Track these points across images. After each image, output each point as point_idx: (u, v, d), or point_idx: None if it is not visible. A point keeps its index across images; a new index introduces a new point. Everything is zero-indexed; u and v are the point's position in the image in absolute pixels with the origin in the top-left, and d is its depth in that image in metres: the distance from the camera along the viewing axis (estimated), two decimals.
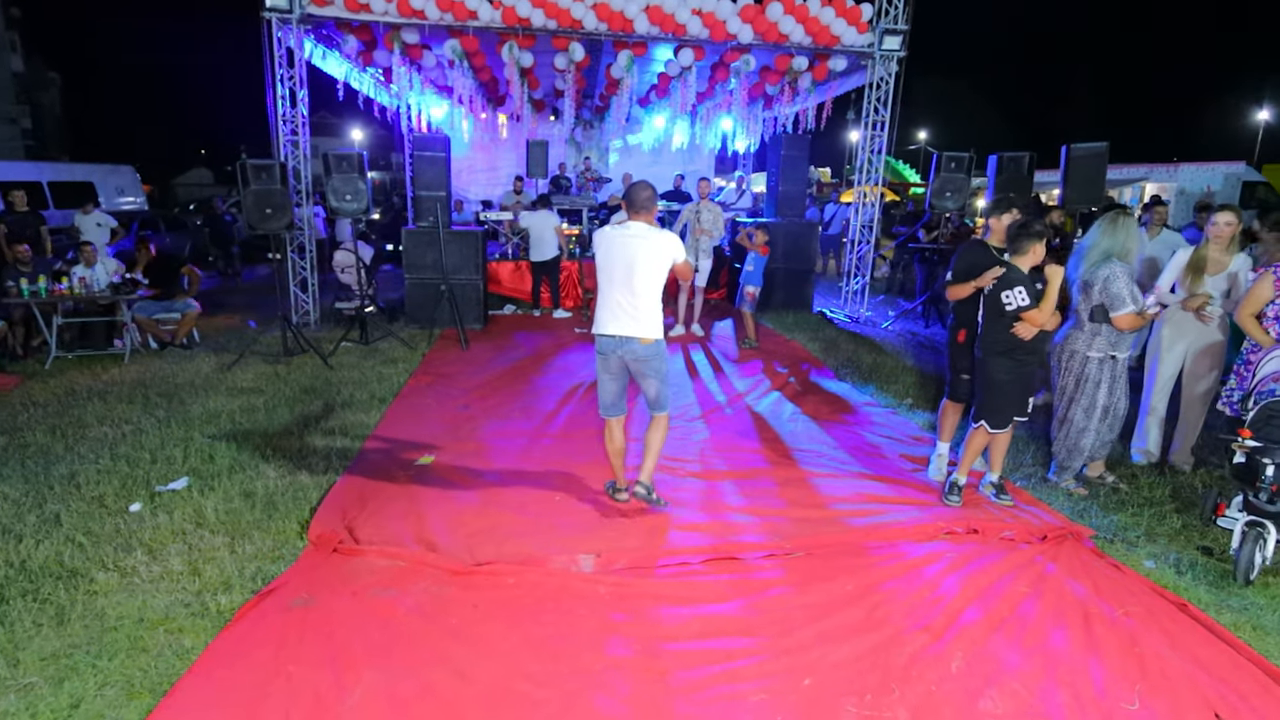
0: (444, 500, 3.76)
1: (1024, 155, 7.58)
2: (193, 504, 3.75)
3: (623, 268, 3.36)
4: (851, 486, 4.05)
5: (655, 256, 3.36)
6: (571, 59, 8.69)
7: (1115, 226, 3.89)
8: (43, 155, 37.04)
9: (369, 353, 7.26)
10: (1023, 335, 3.62)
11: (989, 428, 3.78)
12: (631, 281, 3.36)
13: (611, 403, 3.66)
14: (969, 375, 4.15)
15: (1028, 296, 3.60)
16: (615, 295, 3.40)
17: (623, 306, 3.39)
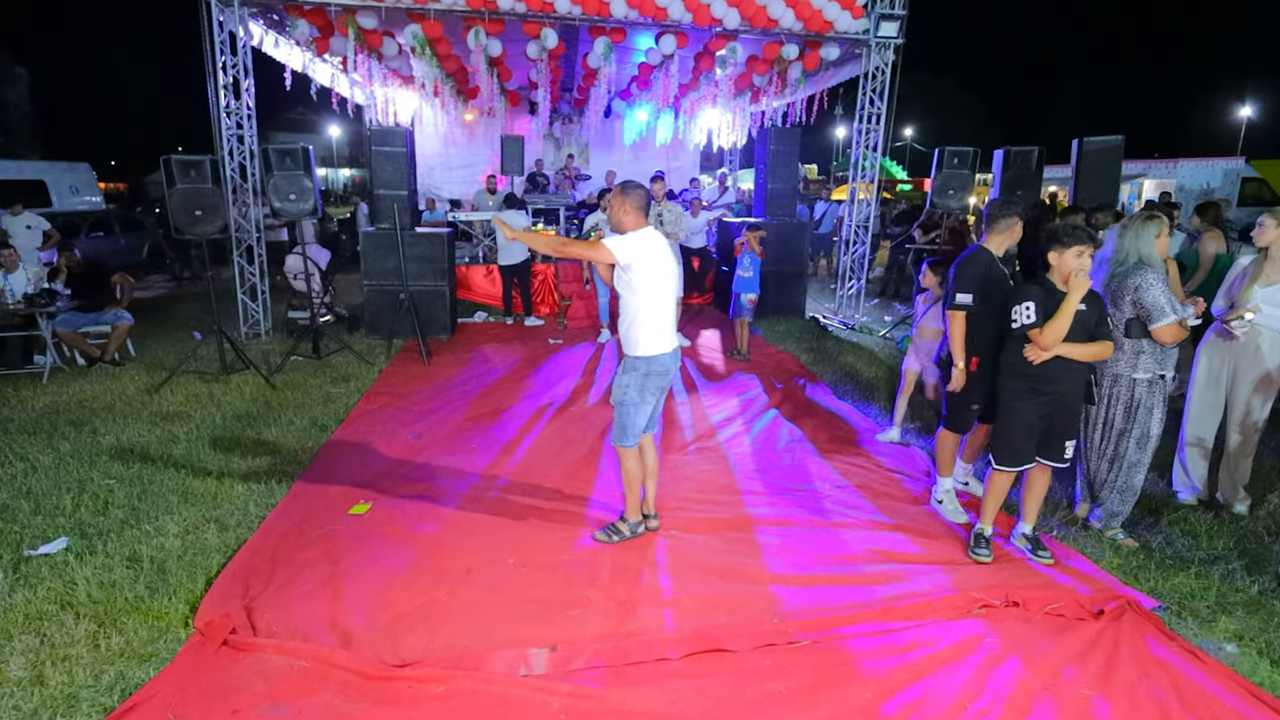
0: (371, 566, 3.11)
1: (1033, 150, 7.02)
2: (65, 574, 3.07)
3: (673, 276, 3.20)
4: (862, 539, 3.43)
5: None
6: (544, 47, 8.02)
7: (1144, 229, 3.31)
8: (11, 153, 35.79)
9: (320, 368, 6.57)
10: (1030, 359, 3.06)
11: (995, 464, 3.25)
12: (675, 290, 3.25)
13: (647, 423, 3.35)
14: (979, 405, 3.58)
15: (1035, 313, 3.03)
16: (667, 307, 3.19)
17: (671, 319, 3.23)
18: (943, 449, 3.76)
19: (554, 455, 4.48)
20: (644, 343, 3.13)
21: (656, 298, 3.10)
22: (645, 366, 3.15)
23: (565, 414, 5.33)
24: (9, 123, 42.48)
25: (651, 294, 3.08)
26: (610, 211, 3.23)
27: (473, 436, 4.84)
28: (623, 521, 3.44)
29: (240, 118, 7.41)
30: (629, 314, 3.13)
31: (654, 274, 3.07)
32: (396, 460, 4.40)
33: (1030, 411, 3.13)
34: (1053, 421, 3.13)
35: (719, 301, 9.53)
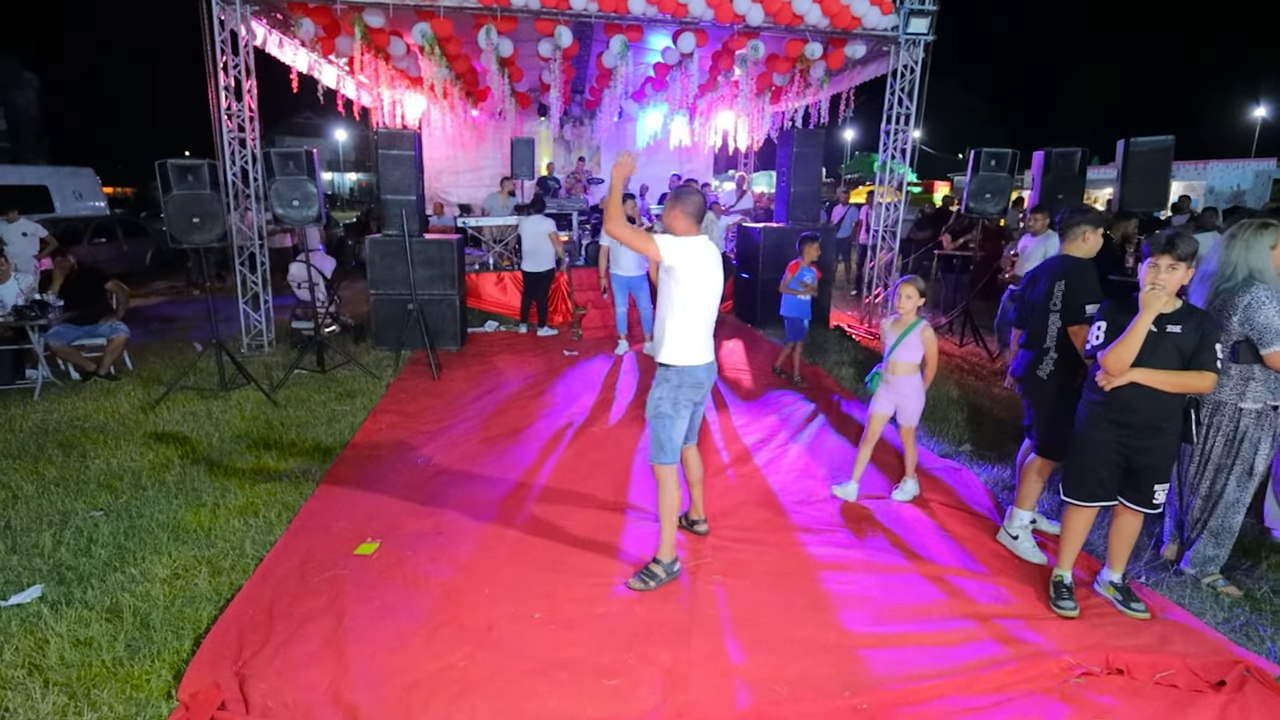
0: (380, 622, 2.75)
1: (1075, 151, 6.64)
2: (36, 630, 2.73)
3: (717, 290, 3.07)
4: (929, 586, 3.06)
5: None
6: (558, 45, 7.69)
7: (1257, 239, 2.93)
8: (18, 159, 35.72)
9: (325, 383, 6.24)
10: (1102, 384, 2.72)
11: (1064, 494, 2.93)
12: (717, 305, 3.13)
13: (686, 436, 3.26)
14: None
15: (1104, 333, 2.70)
16: (706, 318, 3.06)
17: (709, 331, 3.11)
18: (1028, 477, 3.39)
19: (578, 484, 4.13)
20: (677, 351, 3.03)
21: (696, 307, 2.99)
22: (678, 378, 3.04)
23: (586, 435, 4.98)
24: (16, 128, 42.59)
25: (691, 302, 2.97)
26: (664, 215, 3.11)
27: (487, 462, 4.49)
28: (656, 564, 3.12)
29: (242, 120, 7.10)
30: (664, 320, 3.03)
31: (697, 282, 2.96)
32: (406, 489, 4.06)
33: (1105, 442, 2.77)
34: (1135, 459, 2.76)
35: (739, 310, 9.18)
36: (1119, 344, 2.62)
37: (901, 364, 3.82)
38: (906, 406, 3.88)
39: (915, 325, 3.72)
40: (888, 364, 3.86)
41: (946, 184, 31.37)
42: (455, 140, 12.91)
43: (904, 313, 3.78)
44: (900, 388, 3.86)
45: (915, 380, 3.84)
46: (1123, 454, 2.77)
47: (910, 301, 3.74)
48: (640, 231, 2.99)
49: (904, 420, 3.93)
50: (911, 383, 3.84)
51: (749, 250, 8.77)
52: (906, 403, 3.87)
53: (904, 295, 3.76)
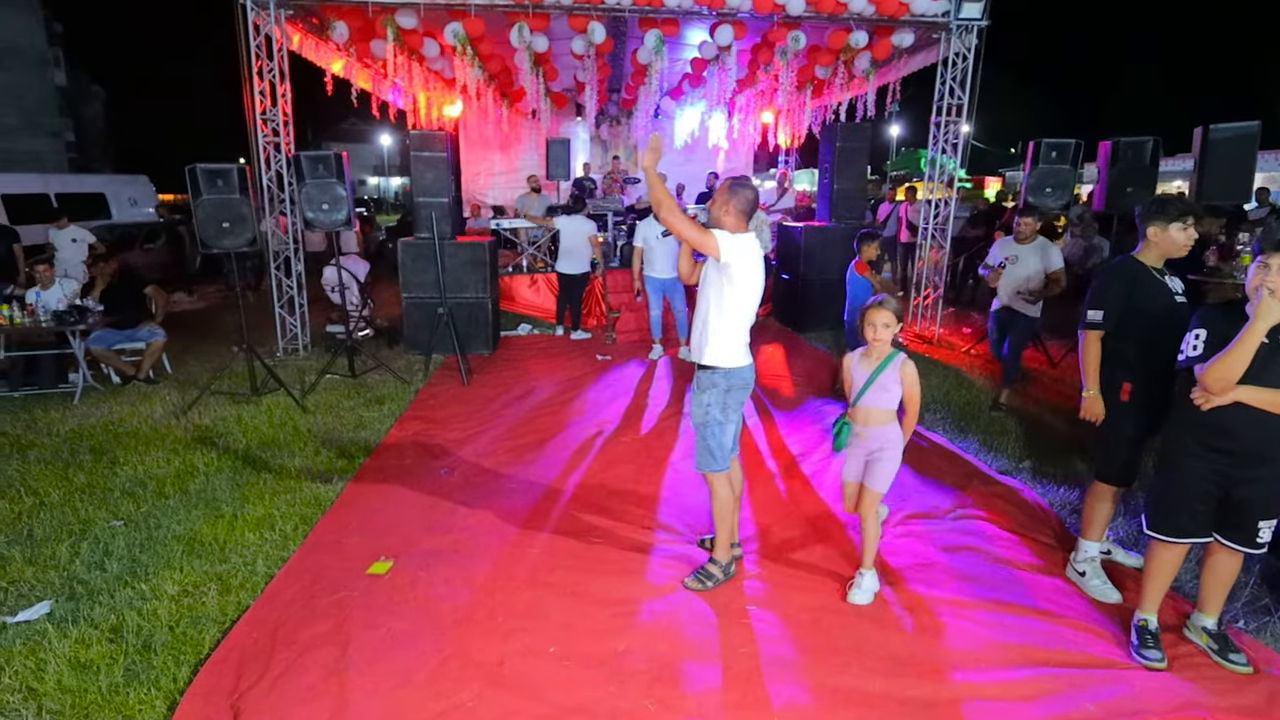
0: (386, 654, 2.57)
1: (1147, 140, 6.11)
2: (39, 650, 2.64)
3: (760, 290, 2.93)
4: (987, 631, 2.73)
5: None
6: (591, 42, 7.50)
7: None
8: (86, 168, 37.55)
9: (355, 388, 6.18)
10: (1198, 403, 2.36)
11: (1147, 526, 2.57)
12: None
13: (733, 444, 3.13)
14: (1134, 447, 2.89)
15: (1204, 345, 2.34)
16: (749, 319, 2.94)
17: (748, 332, 2.97)
18: (1090, 504, 3.04)
19: (605, 499, 3.91)
20: (725, 353, 2.89)
21: (744, 308, 2.89)
22: (725, 381, 2.91)
23: (616, 444, 4.76)
24: (84, 139, 44.74)
25: (741, 303, 2.86)
26: (712, 207, 2.92)
27: (512, 473, 4.31)
28: (713, 564, 3.08)
29: (277, 124, 7.10)
30: (710, 322, 2.88)
31: (748, 283, 2.85)
32: (425, 502, 3.89)
33: (1198, 471, 2.41)
34: (1235, 490, 2.38)
35: (779, 312, 8.84)
36: (1224, 357, 2.25)
37: (875, 410, 2.92)
38: (878, 468, 2.92)
39: (891, 359, 2.89)
40: (857, 410, 2.98)
41: (998, 179, 30.22)
42: (492, 142, 12.88)
43: (876, 344, 2.92)
44: (873, 441, 2.94)
45: (892, 431, 2.93)
46: (1220, 484, 2.40)
47: (886, 330, 2.89)
48: (698, 224, 2.79)
49: (871, 483, 2.95)
50: (887, 434, 2.93)
51: (790, 250, 8.43)
52: (879, 464, 2.92)
53: (876, 323, 2.87)
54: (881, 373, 2.90)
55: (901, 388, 2.88)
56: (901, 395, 2.90)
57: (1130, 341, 2.80)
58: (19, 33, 38.01)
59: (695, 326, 2.96)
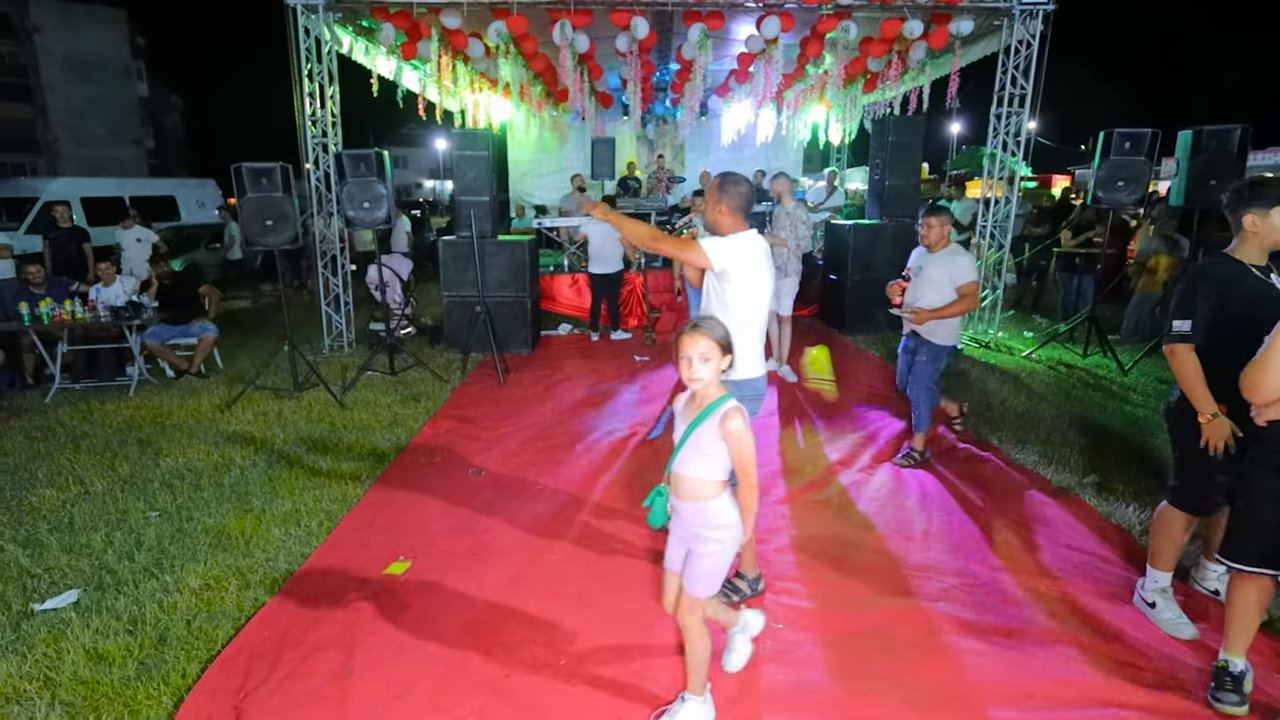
0: (391, 660, 2.49)
1: (1234, 129, 5.60)
2: (61, 639, 2.66)
3: (770, 291, 2.76)
4: (1046, 664, 2.46)
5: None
6: (634, 38, 7.38)
7: None
8: (164, 172, 39.75)
9: (394, 385, 6.21)
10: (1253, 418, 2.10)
11: (1225, 558, 2.25)
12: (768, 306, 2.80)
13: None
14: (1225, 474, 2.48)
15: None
16: (762, 324, 2.76)
17: (763, 337, 2.80)
18: (1161, 530, 2.69)
19: (631, 505, 3.76)
20: (738, 363, 2.54)
21: (752, 314, 2.68)
22: (738, 391, 2.55)
23: (649, 448, 4.62)
24: (163, 146, 47.31)
25: (747, 309, 2.66)
26: (705, 210, 2.76)
27: (540, 475, 4.21)
28: (740, 578, 2.89)
29: (325, 125, 7.23)
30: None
31: (752, 287, 2.65)
32: (450, 503, 3.83)
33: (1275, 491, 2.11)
34: None
35: (825, 314, 8.54)
36: (1258, 359, 1.97)
37: (685, 480, 2.07)
38: (694, 563, 2.11)
39: (716, 406, 2.02)
40: (670, 477, 2.15)
41: (1066, 178, 28.79)
42: (538, 142, 12.92)
43: (696, 384, 2.03)
44: (688, 522, 2.10)
45: (713, 512, 2.06)
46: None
47: (705, 365, 2.00)
48: (681, 240, 2.77)
49: (687, 582, 2.13)
50: (706, 515, 2.07)
51: (838, 250, 8.13)
52: (695, 558, 2.10)
53: (690, 355, 2.01)
54: (698, 428, 2.03)
55: (727, 449, 2.01)
56: (730, 460, 2.03)
57: (1226, 354, 2.36)
58: (105, 46, 40.47)
59: None
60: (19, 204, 12.47)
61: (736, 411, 2.00)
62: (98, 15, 40.09)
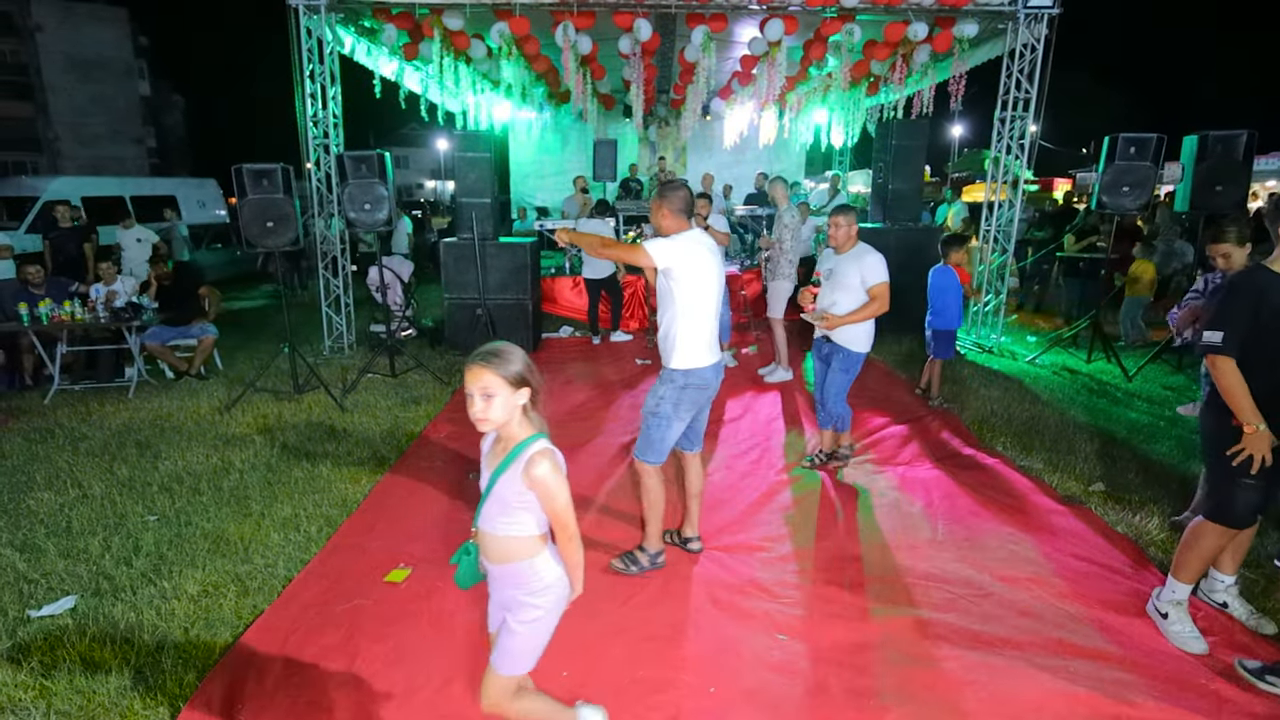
0: (393, 668, 2.46)
1: (1240, 134, 5.58)
2: (58, 647, 2.63)
3: (717, 285, 2.92)
4: (1055, 677, 2.43)
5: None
6: (637, 40, 7.36)
7: None
8: (165, 172, 39.76)
9: (394, 387, 6.18)
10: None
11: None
12: (719, 302, 2.96)
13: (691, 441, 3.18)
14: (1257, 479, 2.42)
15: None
16: (709, 317, 2.91)
17: (713, 330, 2.95)
18: (1191, 544, 2.62)
19: (636, 508, 3.72)
20: (681, 355, 2.90)
21: (697, 306, 2.86)
22: (683, 379, 2.93)
23: None
24: (165, 145, 47.32)
25: (691, 301, 2.85)
26: (650, 215, 3.00)
27: None
28: (642, 551, 3.13)
29: (326, 126, 7.21)
30: (666, 323, 2.93)
31: (695, 281, 2.84)
32: (450, 509, 3.80)
33: None
34: None
35: None
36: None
37: (490, 539, 1.79)
38: (502, 638, 1.83)
39: (522, 449, 1.72)
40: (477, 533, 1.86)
41: (1068, 181, 28.77)
42: (540, 144, 12.91)
43: (483, 424, 1.72)
44: (499, 585, 1.84)
45: (527, 572, 1.78)
46: None
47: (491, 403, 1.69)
48: (627, 245, 2.95)
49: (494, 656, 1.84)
50: (517, 576, 1.79)
51: None
52: (504, 633, 1.83)
53: (474, 390, 1.70)
54: (501, 476, 1.72)
55: (535, 497, 1.72)
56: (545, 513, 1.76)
57: (1260, 366, 2.38)
58: (107, 46, 40.49)
59: (660, 332, 2.96)
60: (19, 203, 12.45)
61: (544, 454, 1.68)
62: (100, 14, 40.10)
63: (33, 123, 38.95)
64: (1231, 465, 2.43)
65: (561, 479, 1.74)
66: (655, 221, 2.94)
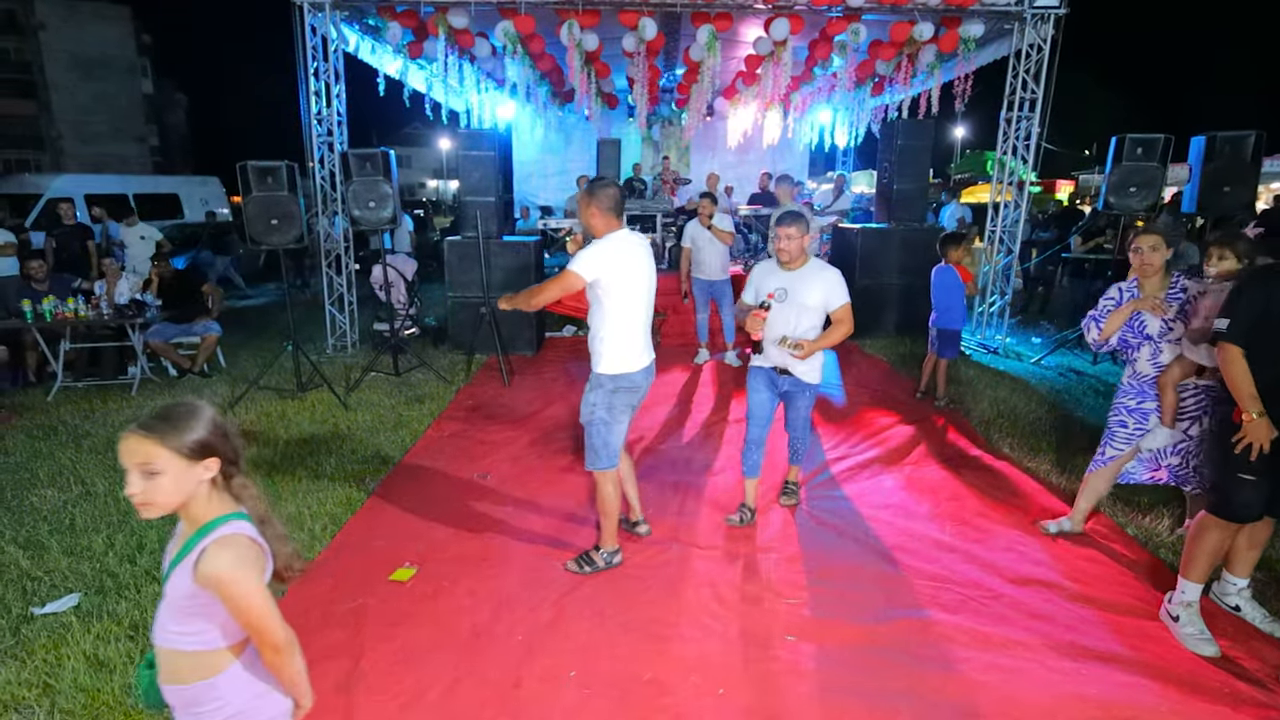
0: (399, 668, 2.44)
1: (1248, 135, 5.55)
2: (62, 644, 2.62)
3: (647, 287, 2.94)
4: (1067, 680, 2.41)
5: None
6: (642, 38, 7.33)
7: None
8: (168, 170, 39.80)
9: (398, 386, 6.17)
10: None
11: None
12: (650, 303, 2.97)
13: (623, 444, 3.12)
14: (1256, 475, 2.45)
15: None
16: (639, 320, 2.92)
17: (645, 332, 2.96)
18: (1195, 538, 2.63)
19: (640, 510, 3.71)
20: (609, 359, 2.91)
21: (626, 310, 2.85)
22: (612, 383, 2.94)
23: (656, 454, 4.58)
24: (168, 143, 47.35)
25: (620, 306, 2.84)
26: (579, 214, 3.00)
27: (548, 480, 4.16)
28: (597, 551, 3.14)
29: (331, 124, 7.19)
30: (595, 326, 2.93)
31: (623, 285, 2.82)
32: (456, 508, 3.78)
33: None
34: None
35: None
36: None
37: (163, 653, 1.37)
38: None
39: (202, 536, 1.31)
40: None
41: (1071, 183, 28.74)
42: (544, 143, 12.89)
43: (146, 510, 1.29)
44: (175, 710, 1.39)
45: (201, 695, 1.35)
46: None
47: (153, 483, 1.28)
48: (550, 281, 2.86)
49: None
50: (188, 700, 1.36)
51: (845, 254, 8.07)
52: None
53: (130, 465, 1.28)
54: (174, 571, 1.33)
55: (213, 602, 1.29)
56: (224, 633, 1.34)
57: (1266, 358, 2.41)
58: (111, 44, 40.53)
59: (590, 337, 2.96)
60: (22, 200, 12.45)
61: (225, 544, 1.29)
62: (103, 12, 40.14)
63: (36, 120, 39.01)
64: (1232, 459, 2.45)
65: (250, 574, 1.29)
66: (584, 220, 2.94)
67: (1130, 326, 3.14)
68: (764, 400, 3.48)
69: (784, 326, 3.32)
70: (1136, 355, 3.15)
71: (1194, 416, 3.08)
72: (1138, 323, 3.12)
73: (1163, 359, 3.07)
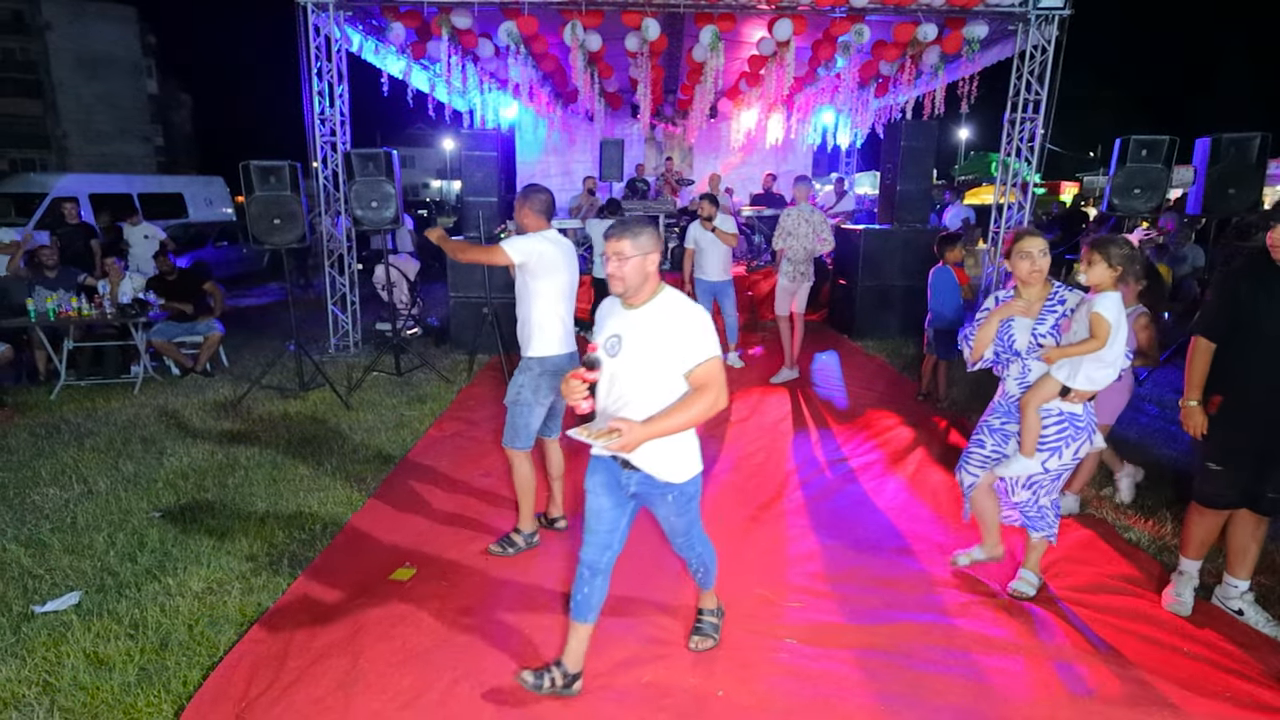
0: (397, 669, 2.44)
1: (1253, 137, 5.53)
2: (62, 642, 2.62)
3: (570, 279, 3.15)
4: (1069, 680, 2.40)
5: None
6: (645, 39, 7.34)
7: None
8: (172, 169, 39.92)
9: (400, 386, 6.17)
10: None
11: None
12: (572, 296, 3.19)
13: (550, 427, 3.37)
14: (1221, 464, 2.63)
15: None
16: (562, 308, 3.16)
17: (568, 320, 3.19)
18: (1185, 524, 2.82)
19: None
20: (536, 343, 3.11)
21: (550, 298, 3.09)
22: (539, 366, 3.12)
23: None
24: (172, 143, 47.47)
25: (545, 294, 3.07)
26: (515, 215, 3.21)
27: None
28: (517, 533, 3.30)
29: (334, 124, 7.21)
30: (523, 314, 3.14)
31: (548, 275, 3.06)
32: (457, 507, 3.78)
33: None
34: None
35: (834, 319, 8.47)
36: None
37: None
38: None
39: None
40: None
41: (1075, 184, 28.67)
42: (546, 144, 12.89)
43: None
44: None
45: None
46: None
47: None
48: (483, 247, 3.19)
49: None
50: None
51: (847, 254, 8.06)
52: None
53: None
54: None
55: None
56: None
57: (1244, 351, 2.53)
58: (115, 44, 40.66)
59: (519, 324, 3.16)
60: (27, 199, 12.49)
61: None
62: (108, 13, 40.28)
63: (41, 120, 39.17)
64: (1199, 447, 2.69)
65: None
66: (518, 220, 3.20)
67: (1000, 339, 2.80)
68: (604, 509, 2.31)
69: (611, 395, 2.22)
70: (1006, 373, 2.84)
71: (1054, 449, 2.69)
72: (1006, 335, 2.77)
73: (1030, 378, 2.73)
